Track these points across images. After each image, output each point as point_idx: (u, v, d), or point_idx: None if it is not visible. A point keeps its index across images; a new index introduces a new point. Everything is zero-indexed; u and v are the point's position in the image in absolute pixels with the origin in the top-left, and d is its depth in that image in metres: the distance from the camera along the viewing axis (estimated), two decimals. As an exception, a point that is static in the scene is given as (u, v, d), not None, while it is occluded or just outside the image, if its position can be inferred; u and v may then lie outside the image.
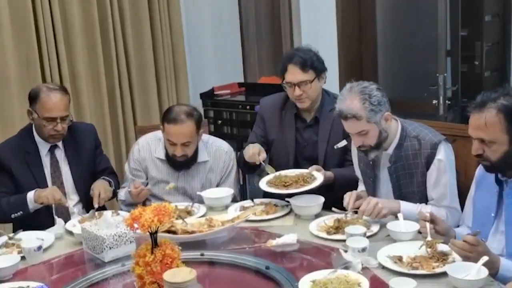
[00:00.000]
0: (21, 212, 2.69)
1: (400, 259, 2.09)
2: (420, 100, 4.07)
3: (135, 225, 1.84)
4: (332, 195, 2.67)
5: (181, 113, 2.83)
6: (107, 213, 2.56)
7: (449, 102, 3.83)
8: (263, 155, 2.83)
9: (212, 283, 1.68)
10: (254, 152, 2.81)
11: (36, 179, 2.84)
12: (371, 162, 2.61)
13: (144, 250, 1.87)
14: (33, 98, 2.81)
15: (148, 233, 1.87)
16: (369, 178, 2.65)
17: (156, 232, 1.87)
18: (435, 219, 2.20)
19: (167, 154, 2.95)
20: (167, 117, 2.86)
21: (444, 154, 2.47)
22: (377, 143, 2.48)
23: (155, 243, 1.87)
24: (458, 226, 2.43)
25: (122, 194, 3.01)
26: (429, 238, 2.15)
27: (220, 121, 4.73)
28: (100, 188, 2.84)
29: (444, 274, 1.97)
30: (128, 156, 3.15)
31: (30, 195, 2.72)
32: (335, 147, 2.81)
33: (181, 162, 2.93)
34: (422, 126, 2.56)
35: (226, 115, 4.74)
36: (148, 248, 1.87)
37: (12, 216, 2.73)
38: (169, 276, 1.69)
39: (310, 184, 2.65)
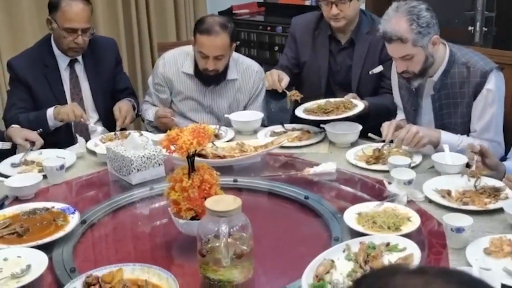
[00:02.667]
0: (41, 129, 2.53)
1: (448, 193, 1.96)
2: (452, 26, 3.84)
3: (172, 148, 1.67)
4: (366, 126, 2.51)
5: (215, 24, 2.61)
6: (134, 134, 2.41)
7: (486, 29, 3.59)
8: (286, 80, 2.63)
9: (248, 212, 1.54)
10: (274, 78, 2.61)
11: (55, 95, 2.67)
12: (414, 90, 2.43)
13: (181, 174, 1.70)
14: (53, 6, 2.59)
15: (185, 157, 1.70)
16: (410, 107, 2.48)
17: (194, 155, 1.70)
18: (485, 152, 2.04)
19: (196, 69, 2.76)
20: (200, 27, 2.64)
21: (495, 84, 2.28)
22: (422, 69, 2.29)
23: (192, 168, 1.71)
24: (503, 160, 2.29)
25: (150, 114, 2.85)
26: (473, 168, 2.00)
27: (238, 42, 4.52)
28: (128, 110, 2.69)
29: (497, 211, 1.84)
30: (153, 71, 2.97)
31: (50, 111, 2.56)
32: (370, 72, 2.64)
33: (211, 77, 2.74)
34: (473, 53, 2.36)
35: (244, 35, 4.55)
36: (185, 173, 1.70)
37: None
38: (211, 203, 1.52)
39: (352, 111, 2.51)
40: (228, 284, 1.51)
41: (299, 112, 2.59)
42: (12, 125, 2.51)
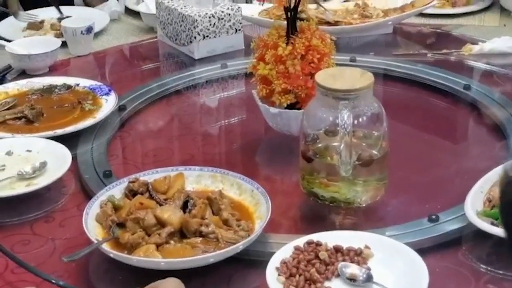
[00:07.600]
0: None
1: None
2: None
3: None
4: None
5: None
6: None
7: None
8: None
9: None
10: None
11: None
12: None
13: (275, 36, 1.67)
14: None
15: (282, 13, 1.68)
16: None
17: (296, 8, 1.66)
18: None
19: None
20: None
21: None
22: None
23: (293, 28, 1.66)
24: None
25: None
26: None
27: None
28: None
29: None
30: None
31: None
32: None
33: None
34: None
35: None
36: (282, 35, 1.66)
37: None
38: (325, 78, 1.46)
39: None
40: (345, 206, 1.47)
41: None
42: None
